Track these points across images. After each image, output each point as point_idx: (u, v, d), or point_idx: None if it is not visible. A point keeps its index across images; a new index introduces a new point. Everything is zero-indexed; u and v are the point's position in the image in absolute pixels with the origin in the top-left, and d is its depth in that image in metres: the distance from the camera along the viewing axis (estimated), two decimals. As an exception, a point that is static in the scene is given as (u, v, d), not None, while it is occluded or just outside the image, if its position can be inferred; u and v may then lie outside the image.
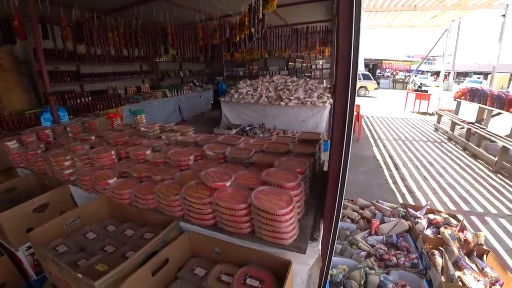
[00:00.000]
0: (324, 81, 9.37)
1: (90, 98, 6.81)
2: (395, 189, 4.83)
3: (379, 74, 32.89)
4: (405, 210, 3.31)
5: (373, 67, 33.46)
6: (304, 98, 7.22)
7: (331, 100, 7.13)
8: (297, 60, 12.74)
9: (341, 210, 1.40)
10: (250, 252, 1.38)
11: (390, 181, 5.19)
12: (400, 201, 4.32)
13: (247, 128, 7.30)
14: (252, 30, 5.28)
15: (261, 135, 6.86)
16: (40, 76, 6.65)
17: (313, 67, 12.54)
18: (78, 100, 6.64)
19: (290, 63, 12.99)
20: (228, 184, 1.47)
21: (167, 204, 1.57)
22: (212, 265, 1.50)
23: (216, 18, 6.84)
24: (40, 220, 2.10)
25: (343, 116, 1.11)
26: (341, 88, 1.10)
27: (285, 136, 2.37)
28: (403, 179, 5.30)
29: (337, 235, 1.54)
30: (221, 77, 12.33)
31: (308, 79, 9.33)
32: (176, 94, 10.02)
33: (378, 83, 25.26)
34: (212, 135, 2.46)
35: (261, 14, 4.76)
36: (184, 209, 1.53)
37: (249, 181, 1.52)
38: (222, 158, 1.95)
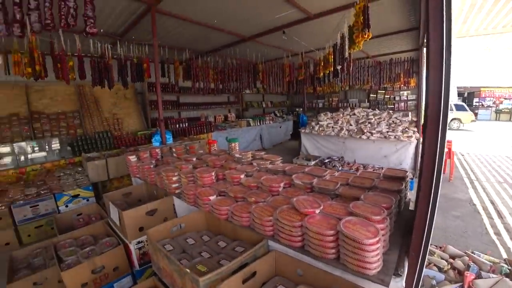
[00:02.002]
0: (410, 113, 8.82)
1: (186, 124, 7.86)
2: (497, 241, 4.19)
3: (477, 104, 28.84)
4: (509, 267, 2.90)
5: (469, 96, 29.67)
6: (387, 132, 6.96)
7: (418, 135, 6.74)
8: (379, 91, 12.28)
9: (427, 253, 1.42)
10: (332, 278, 1.49)
11: (490, 231, 4.53)
12: (504, 256, 3.74)
13: (326, 161, 7.32)
14: (338, 67, 5.50)
15: (340, 168, 6.81)
16: (150, 104, 8.06)
17: (397, 98, 11.86)
18: (177, 125, 7.74)
19: (371, 95, 12.59)
20: (317, 211, 1.64)
21: (260, 223, 1.80)
22: (294, 286, 1.65)
23: (301, 54, 7.34)
24: (149, 222, 2.58)
25: (432, 153, 1.16)
26: (430, 123, 1.14)
27: (370, 171, 2.43)
28: (508, 230, 4.56)
29: (422, 277, 1.53)
30: (301, 109, 12.69)
31: (391, 111, 8.95)
32: (258, 123, 10.76)
33: (475, 114, 22.19)
34: (300, 166, 2.68)
35: (346, 53, 4.96)
36: (275, 229, 1.74)
37: (336, 211, 1.66)
38: (309, 188, 2.13)
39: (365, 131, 7.22)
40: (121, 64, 5.46)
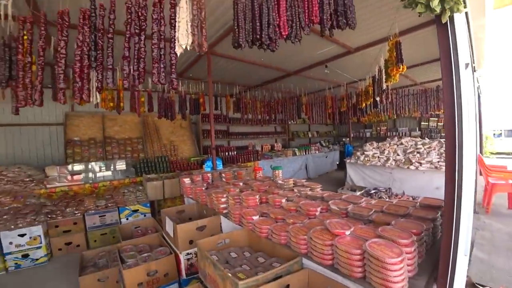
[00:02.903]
0: (464, 142, 8.25)
1: (235, 152, 8.38)
2: None
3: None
4: None
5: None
6: (438, 162, 6.61)
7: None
8: (431, 119, 11.74)
9: (454, 281, 1.51)
10: (359, 296, 1.64)
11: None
12: None
13: (372, 191, 7.11)
14: (377, 99, 5.61)
15: (387, 200, 6.58)
16: (203, 133, 8.79)
17: (451, 126, 11.24)
18: (227, 153, 8.29)
19: (422, 123, 12.10)
20: (347, 233, 1.82)
21: (295, 241, 2.02)
22: (324, 302, 1.80)
23: (344, 85, 7.57)
24: (199, 237, 2.91)
25: (451, 181, 1.32)
26: (447, 151, 1.31)
27: (406, 200, 2.52)
28: None
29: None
30: (347, 139, 12.60)
31: (443, 140, 8.48)
32: (304, 153, 10.87)
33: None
34: (337, 193, 2.86)
35: (384, 85, 5.07)
36: (309, 247, 1.94)
37: (365, 233, 1.82)
38: (344, 213, 2.31)
39: (414, 161, 6.93)
40: (181, 99, 6.26)
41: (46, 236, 4.55)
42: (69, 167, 5.85)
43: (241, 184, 3.55)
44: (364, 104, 6.44)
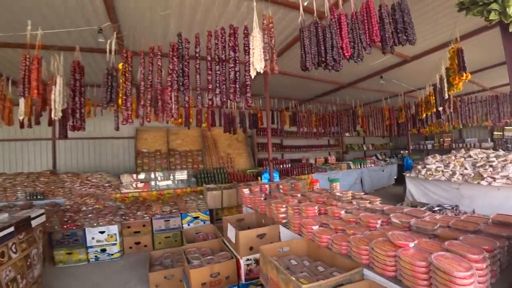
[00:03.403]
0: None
1: (289, 165, 8.51)
2: None
3: None
4: None
5: None
6: None
7: None
8: (507, 128, 10.42)
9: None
10: (424, 310, 1.64)
11: None
12: None
13: (436, 209, 6.56)
14: (440, 109, 5.30)
15: None
16: (258, 146, 9.11)
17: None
18: (281, 166, 8.47)
19: (495, 132, 10.80)
20: (411, 245, 1.84)
21: (357, 251, 2.08)
22: (386, 315, 1.82)
23: (401, 95, 7.25)
24: (258, 244, 3.07)
25: None
26: None
27: (477, 216, 2.38)
28: None
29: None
30: (406, 151, 11.89)
31: None
32: (359, 166, 10.53)
33: None
34: (398, 207, 2.82)
35: (446, 94, 4.78)
36: (370, 258, 1.98)
37: (430, 247, 1.81)
38: (406, 227, 2.29)
39: (485, 176, 6.21)
40: (241, 114, 6.69)
41: (120, 235, 5.13)
42: (140, 175, 6.54)
43: (299, 195, 3.66)
44: (424, 115, 6.14)
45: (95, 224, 4.99)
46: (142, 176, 6.54)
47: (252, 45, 2.76)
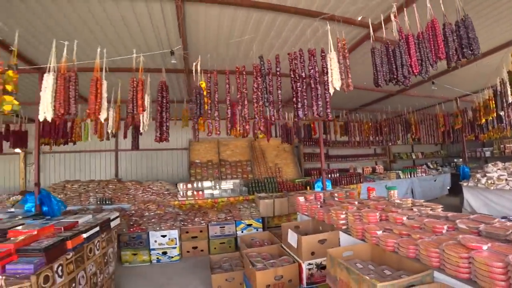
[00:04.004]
0: None
1: (338, 174, 8.54)
2: None
3: None
4: None
5: None
6: None
7: None
8: None
9: None
10: (503, 311, 1.70)
11: None
12: None
13: (502, 220, 6.16)
14: (501, 113, 5.07)
15: None
16: (304, 156, 9.26)
17: None
18: (329, 175, 8.54)
19: None
20: (484, 248, 1.90)
21: (426, 254, 2.16)
22: (460, 317, 1.89)
23: (455, 101, 6.96)
24: (319, 249, 3.24)
25: None
26: None
27: None
28: None
29: None
30: (460, 159, 11.19)
31: None
32: (409, 176, 10.19)
33: None
34: (463, 214, 2.83)
35: (510, 98, 4.58)
36: (441, 260, 2.07)
37: (505, 250, 1.85)
38: (475, 232, 2.31)
39: None
40: (297, 126, 6.99)
41: (180, 239, 5.55)
42: (195, 184, 7.03)
43: (356, 203, 3.77)
44: (484, 120, 5.86)
45: (157, 228, 5.47)
46: (196, 184, 7.02)
47: (330, 66, 3.08)
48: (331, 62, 3.08)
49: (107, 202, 6.54)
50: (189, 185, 6.95)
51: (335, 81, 3.01)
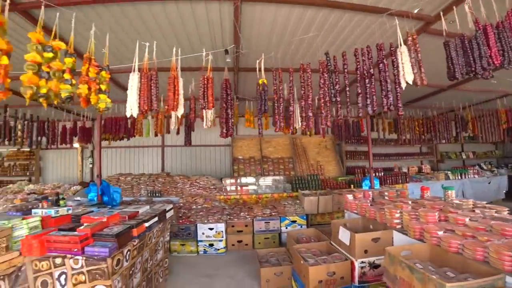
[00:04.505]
0: None
1: (382, 173, 8.29)
2: None
3: None
4: None
5: None
6: None
7: None
8: None
9: None
10: None
11: None
12: None
13: None
14: None
15: None
16: (346, 154, 9.10)
17: None
18: (373, 174, 8.33)
19: None
20: None
21: (497, 257, 2.10)
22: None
23: None
24: (373, 247, 3.22)
25: None
26: None
27: None
28: None
29: None
30: None
31: None
32: (459, 177, 9.51)
33: None
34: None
35: None
36: (515, 264, 2.00)
37: None
38: (554, 238, 2.20)
39: None
40: (347, 123, 6.96)
41: (226, 233, 5.76)
42: (239, 180, 7.22)
43: (409, 202, 3.68)
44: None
45: (205, 221, 5.72)
46: (241, 180, 7.22)
47: (401, 60, 3.06)
48: (402, 56, 3.06)
49: (156, 194, 6.93)
50: (233, 180, 7.17)
51: (407, 75, 2.99)
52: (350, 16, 4.10)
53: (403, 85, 3.07)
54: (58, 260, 2.71)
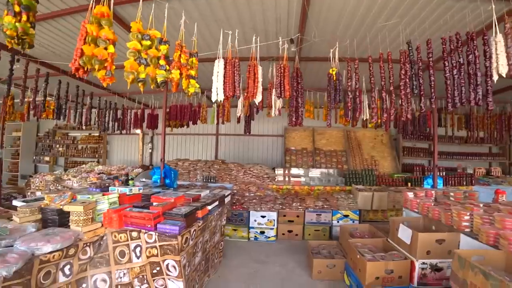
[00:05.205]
0: None
1: (444, 173, 7.74)
2: None
3: None
4: None
5: None
6: None
7: None
8: None
9: None
10: None
11: None
12: None
13: None
14: None
15: None
16: (403, 150, 8.63)
17: None
18: (428, 173, 7.81)
19: None
20: None
21: None
22: None
23: None
24: (436, 249, 3.09)
25: None
26: None
27: None
28: None
29: None
30: None
31: None
32: None
33: None
34: None
35: None
36: None
37: None
38: None
39: None
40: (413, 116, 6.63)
41: (277, 222, 5.87)
42: (292, 170, 7.28)
43: (481, 205, 3.43)
44: None
45: (258, 209, 5.89)
46: (293, 171, 7.27)
47: (496, 50, 2.87)
48: (497, 46, 2.83)
49: (211, 180, 7.28)
50: (286, 171, 7.24)
51: (501, 67, 2.76)
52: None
53: (495, 77, 2.82)
54: (134, 234, 2.98)
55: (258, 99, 3.85)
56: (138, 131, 10.11)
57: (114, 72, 2.97)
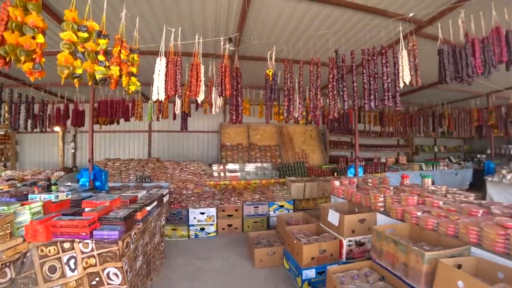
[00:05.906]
0: None
1: (363, 163, 8.89)
2: None
3: None
4: None
5: None
6: None
7: None
8: None
9: None
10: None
11: None
12: None
13: None
14: None
15: None
16: (329, 144, 9.59)
17: None
18: (351, 164, 8.89)
19: None
20: (521, 226, 2.28)
21: (465, 232, 2.56)
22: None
23: (487, 95, 7.22)
24: (359, 228, 3.68)
25: None
26: None
27: None
28: None
29: None
30: (483, 155, 11.70)
31: None
32: (431, 168, 10.51)
33: None
34: (497, 202, 3.19)
35: None
36: (479, 237, 2.46)
37: (539, 229, 2.24)
38: (509, 216, 2.69)
39: None
40: (339, 114, 7.44)
41: (216, 217, 6.07)
42: (228, 166, 7.52)
43: (391, 188, 4.16)
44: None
45: (197, 206, 5.99)
46: (230, 166, 7.52)
47: (402, 63, 3.49)
48: (403, 60, 3.53)
49: (146, 180, 7.10)
50: (223, 167, 7.46)
51: (405, 76, 3.46)
52: (349, 16, 4.55)
53: (401, 85, 3.56)
54: (67, 245, 2.78)
55: (200, 97, 3.98)
56: (57, 128, 9.12)
57: (43, 65, 2.69)
